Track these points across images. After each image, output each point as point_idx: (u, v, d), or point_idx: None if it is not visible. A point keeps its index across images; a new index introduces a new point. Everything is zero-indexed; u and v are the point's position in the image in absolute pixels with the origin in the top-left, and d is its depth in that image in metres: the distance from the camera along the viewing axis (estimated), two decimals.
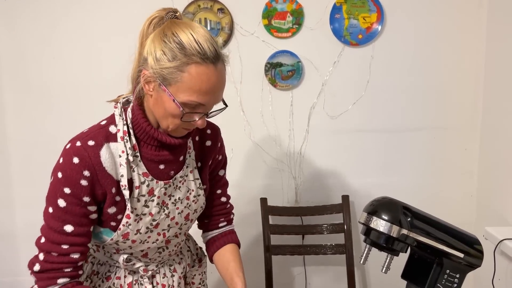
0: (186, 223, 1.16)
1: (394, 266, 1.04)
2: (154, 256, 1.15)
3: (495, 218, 1.75)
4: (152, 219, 1.07)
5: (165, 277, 1.19)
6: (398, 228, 0.96)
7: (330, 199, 1.99)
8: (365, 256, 1.03)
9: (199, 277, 1.31)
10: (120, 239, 1.05)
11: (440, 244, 1.00)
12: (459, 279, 1.05)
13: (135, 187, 1.03)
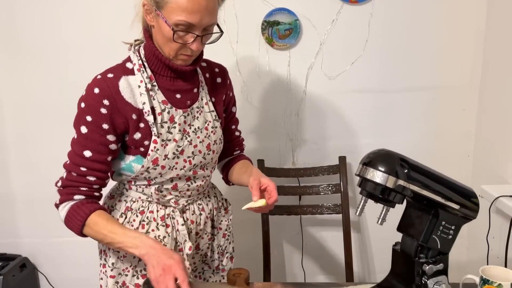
0: (209, 154, 1.24)
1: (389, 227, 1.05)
2: (183, 189, 1.23)
3: (491, 177, 1.76)
4: (177, 145, 1.16)
5: (194, 214, 1.28)
6: (395, 179, 0.96)
7: (327, 161, 1.98)
8: (361, 207, 1.04)
9: (226, 223, 1.39)
10: (151, 165, 1.14)
11: (437, 195, 1.01)
12: (454, 230, 1.06)
13: (157, 114, 1.13)
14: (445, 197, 1.02)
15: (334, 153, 1.97)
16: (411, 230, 1.08)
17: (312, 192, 1.95)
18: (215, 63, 1.34)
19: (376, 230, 2.09)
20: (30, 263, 2.08)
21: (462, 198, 1.05)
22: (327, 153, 1.99)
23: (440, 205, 1.02)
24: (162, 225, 1.23)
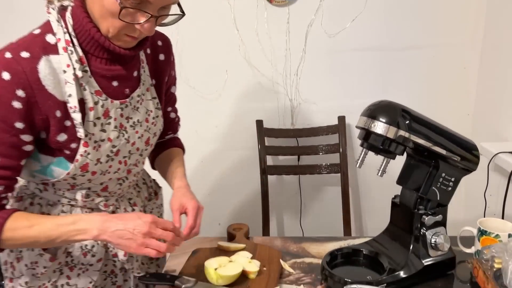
0: (147, 149, 1.06)
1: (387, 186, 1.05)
2: (114, 189, 1.03)
3: (491, 136, 1.75)
4: (112, 145, 0.94)
5: (126, 212, 1.08)
6: (396, 129, 0.95)
7: (326, 121, 1.97)
8: (361, 159, 1.03)
9: (157, 210, 1.21)
10: (79, 172, 0.92)
11: (438, 147, 1.00)
12: (453, 182, 1.06)
13: (88, 109, 0.89)
14: (446, 148, 1.01)
15: (333, 113, 1.95)
16: (411, 182, 1.08)
17: (311, 152, 1.95)
18: (158, 32, 1.04)
19: (374, 190, 2.10)
20: None
21: (463, 150, 1.05)
22: (326, 113, 1.98)
23: (440, 157, 1.02)
24: None
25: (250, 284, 1.03)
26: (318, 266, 1.12)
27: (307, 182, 2.11)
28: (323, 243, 1.26)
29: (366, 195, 2.12)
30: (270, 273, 1.07)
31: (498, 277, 0.97)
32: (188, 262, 1.14)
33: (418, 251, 1.05)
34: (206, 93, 1.96)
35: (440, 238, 1.04)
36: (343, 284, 0.98)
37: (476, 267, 1.03)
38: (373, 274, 1.06)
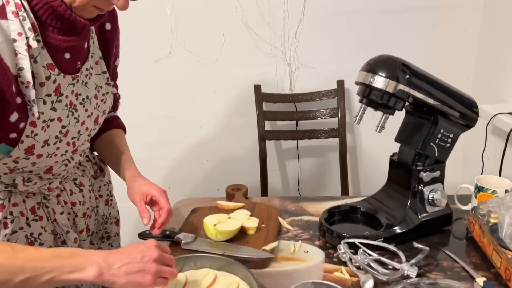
0: (95, 128, 0.97)
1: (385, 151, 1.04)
2: (59, 171, 0.92)
3: (490, 99, 1.74)
4: (61, 125, 0.85)
5: (73, 194, 0.98)
6: (395, 83, 0.94)
7: (324, 85, 1.95)
8: (359, 116, 1.03)
9: (105, 188, 1.11)
10: (22, 155, 0.81)
11: (437, 102, 0.99)
12: (452, 139, 1.06)
13: (39, 84, 0.79)
14: (445, 104, 1.01)
15: (332, 77, 1.93)
16: (409, 139, 1.08)
17: (309, 117, 1.94)
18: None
19: (372, 155, 2.11)
20: None
21: (462, 106, 1.04)
22: (325, 77, 1.95)
23: (439, 113, 1.02)
24: (35, 219, 0.90)
25: (249, 240, 1.04)
26: (316, 223, 1.13)
27: (305, 147, 2.11)
28: (321, 202, 1.26)
29: (364, 160, 2.13)
30: (269, 229, 1.08)
31: (493, 231, 0.99)
32: (187, 220, 1.15)
33: (416, 207, 1.05)
34: (203, 57, 1.93)
35: (437, 194, 1.05)
36: (341, 239, 1.00)
37: (472, 222, 1.05)
38: (371, 231, 1.07)
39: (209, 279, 0.86)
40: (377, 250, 0.98)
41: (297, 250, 1.03)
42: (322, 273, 0.95)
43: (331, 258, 1.00)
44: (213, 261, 0.91)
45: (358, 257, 0.94)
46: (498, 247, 0.91)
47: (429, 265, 0.96)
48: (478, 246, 1.01)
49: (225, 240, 1.03)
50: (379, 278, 0.90)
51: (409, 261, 0.92)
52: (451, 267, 0.96)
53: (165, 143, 2.07)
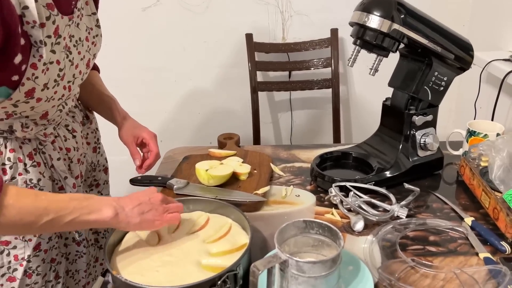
0: (87, 72, 0.96)
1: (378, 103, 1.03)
2: (54, 117, 0.92)
3: (485, 46, 1.71)
4: (59, 68, 0.83)
5: (66, 140, 0.97)
6: (390, 23, 0.91)
7: (318, 34, 1.91)
8: (353, 58, 1.00)
9: (93, 136, 1.11)
10: (22, 98, 0.80)
11: (432, 43, 0.97)
12: (446, 82, 1.05)
13: (39, 25, 0.76)
14: (440, 46, 0.98)
15: (326, 25, 1.88)
16: (403, 83, 1.06)
17: (303, 68, 1.91)
18: None
19: (365, 105, 2.10)
20: None
21: (458, 48, 1.02)
22: (318, 26, 1.91)
23: (434, 54, 0.99)
24: (33, 165, 0.90)
25: (241, 185, 1.04)
26: (307, 170, 1.13)
27: (298, 99, 2.09)
28: (312, 149, 1.26)
29: (357, 111, 2.12)
30: (261, 175, 1.08)
31: (483, 174, 1.00)
32: (179, 167, 1.15)
33: (407, 151, 1.06)
34: (193, 4, 1.87)
35: (429, 138, 1.05)
36: (332, 183, 1.00)
37: (463, 166, 1.05)
38: (362, 175, 1.07)
39: (201, 221, 0.87)
40: (368, 193, 0.98)
41: (288, 194, 1.04)
42: (314, 215, 0.96)
43: (322, 202, 1.01)
44: (205, 204, 0.91)
45: (349, 199, 0.95)
46: (488, 188, 0.92)
47: (419, 207, 0.97)
48: (467, 189, 1.02)
49: (217, 185, 1.03)
50: (370, 219, 0.91)
51: (399, 203, 0.93)
52: (440, 208, 0.97)
53: (155, 96, 2.04)
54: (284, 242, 0.73)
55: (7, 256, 0.89)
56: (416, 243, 0.86)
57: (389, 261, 0.80)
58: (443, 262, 0.81)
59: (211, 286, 0.69)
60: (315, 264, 0.66)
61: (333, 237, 0.73)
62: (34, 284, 0.92)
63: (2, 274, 0.89)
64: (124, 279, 0.69)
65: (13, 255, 0.89)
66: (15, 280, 0.90)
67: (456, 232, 0.89)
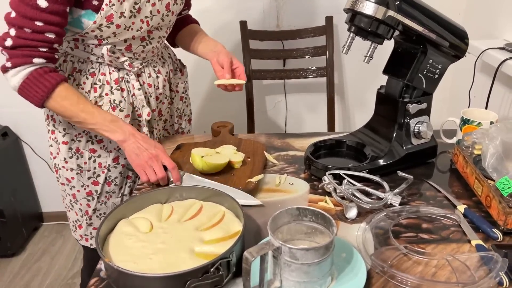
0: (168, 15, 1.10)
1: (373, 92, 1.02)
2: (138, 51, 1.09)
3: (481, 34, 1.71)
4: (134, 1, 0.99)
5: (150, 77, 1.16)
6: (385, 9, 0.90)
7: (313, 22, 1.89)
8: (348, 45, 1.00)
9: (182, 86, 1.31)
10: (104, 22, 0.98)
11: (427, 30, 0.96)
12: (440, 70, 1.04)
13: None
14: (435, 33, 0.98)
15: (321, 13, 1.87)
16: (397, 70, 1.05)
17: (297, 56, 1.90)
18: None
19: (360, 94, 2.09)
20: (12, 132, 2.06)
21: (453, 36, 1.01)
22: (313, 13, 1.89)
23: (429, 42, 0.99)
24: (117, 88, 1.10)
25: (235, 173, 1.04)
26: (301, 158, 1.13)
27: (292, 87, 2.08)
28: (306, 138, 1.26)
29: (352, 99, 2.12)
30: (255, 163, 1.08)
31: (477, 162, 1.00)
32: (172, 155, 1.14)
33: (401, 139, 1.05)
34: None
35: (423, 126, 1.05)
36: (326, 171, 1.00)
37: (456, 154, 1.05)
38: (356, 164, 1.07)
39: (194, 209, 0.86)
40: (362, 181, 0.98)
41: (282, 182, 1.03)
42: (307, 203, 0.96)
43: (316, 190, 1.01)
44: (199, 192, 0.91)
45: (343, 187, 0.95)
46: (481, 176, 0.92)
47: (412, 195, 0.98)
48: (460, 178, 1.03)
49: (211, 173, 1.03)
50: (363, 206, 0.91)
51: (392, 191, 0.94)
52: (433, 196, 0.97)
53: None
54: (278, 230, 0.73)
55: (93, 162, 1.14)
56: (409, 231, 0.86)
57: (382, 248, 0.81)
58: (436, 249, 0.81)
59: (204, 273, 0.69)
60: (308, 251, 0.66)
61: (326, 224, 0.73)
62: (112, 193, 1.19)
63: (88, 177, 1.15)
64: (117, 267, 0.69)
65: (98, 162, 1.15)
66: (98, 184, 1.16)
67: (449, 219, 0.89)
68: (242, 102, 1.94)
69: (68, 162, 1.14)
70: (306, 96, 2.11)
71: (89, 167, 1.15)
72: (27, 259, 2.11)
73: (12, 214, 2.05)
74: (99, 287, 0.75)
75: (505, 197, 0.84)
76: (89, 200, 1.18)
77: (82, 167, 1.15)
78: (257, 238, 0.83)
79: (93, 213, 1.20)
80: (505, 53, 1.42)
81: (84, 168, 1.15)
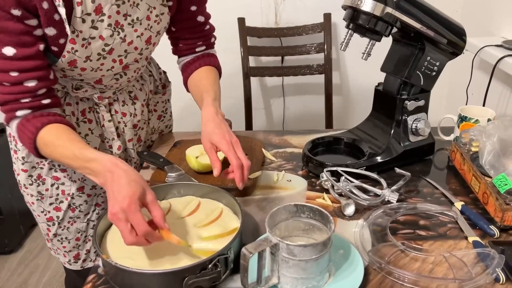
0: (148, 47, 0.98)
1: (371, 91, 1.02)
2: (110, 83, 1.00)
3: (478, 32, 1.71)
4: (104, 43, 0.88)
5: (124, 105, 1.06)
6: (383, 6, 0.90)
7: (311, 19, 1.89)
8: (346, 42, 1.00)
9: (162, 105, 1.21)
10: (67, 67, 0.89)
11: (425, 27, 0.96)
12: (438, 67, 1.04)
13: (76, 3, 0.81)
14: (433, 30, 0.98)
15: (319, 10, 1.87)
16: (395, 67, 1.05)
17: (295, 53, 1.90)
18: None
19: (358, 91, 2.10)
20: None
21: (451, 33, 1.01)
22: (312, 10, 1.89)
23: (427, 39, 0.99)
24: (83, 120, 1.01)
25: None
26: (299, 155, 1.13)
27: (291, 85, 2.08)
28: (304, 135, 1.26)
29: (350, 96, 2.12)
30: (252, 160, 1.08)
31: (474, 159, 1.00)
32: (170, 152, 1.14)
33: (399, 136, 1.06)
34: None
35: (421, 123, 1.05)
36: (323, 167, 1.00)
37: (454, 151, 1.06)
38: (354, 160, 1.07)
39: (192, 205, 0.86)
40: (360, 178, 0.98)
41: (280, 179, 1.03)
42: (305, 200, 0.96)
43: (314, 187, 1.01)
44: (196, 189, 0.91)
45: (340, 184, 0.95)
46: (478, 173, 0.93)
47: (410, 192, 0.98)
48: (458, 174, 1.03)
49: (207, 172, 1.03)
50: (361, 203, 0.91)
51: (390, 188, 0.94)
52: (431, 193, 0.98)
53: None
54: (275, 226, 0.73)
55: (56, 189, 1.05)
56: (407, 227, 0.86)
57: (379, 244, 0.81)
58: (433, 245, 0.81)
59: (202, 270, 0.69)
60: (305, 247, 0.66)
61: (324, 221, 0.73)
62: (77, 218, 1.09)
63: (50, 203, 1.06)
64: (115, 263, 0.69)
65: (61, 189, 1.05)
66: (60, 210, 1.07)
67: (446, 216, 0.89)
68: (240, 99, 1.95)
69: (28, 188, 1.05)
70: (304, 93, 2.11)
71: (51, 194, 1.05)
72: (24, 256, 2.11)
73: (10, 211, 2.04)
74: (97, 283, 0.75)
75: (502, 194, 0.85)
76: (49, 226, 1.09)
77: (43, 194, 1.05)
78: (255, 235, 0.83)
79: (54, 237, 1.10)
80: (502, 50, 1.42)
81: (45, 195, 1.05)
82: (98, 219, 0.80)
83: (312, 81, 2.04)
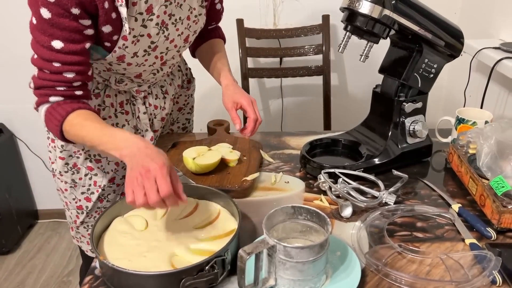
0: (185, 45, 1.07)
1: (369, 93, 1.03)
2: (148, 78, 1.08)
3: (476, 34, 1.72)
4: (151, 41, 0.96)
5: (157, 99, 1.16)
6: (381, 8, 0.90)
7: (310, 20, 1.89)
8: (343, 44, 1.00)
9: (185, 99, 1.32)
10: (115, 61, 0.96)
11: (423, 30, 0.97)
12: (436, 69, 1.05)
13: (131, 3, 0.88)
14: (431, 32, 0.98)
15: (317, 11, 1.87)
16: (393, 69, 1.06)
17: (294, 54, 1.90)
18: None
19: (356, 93, 2.10)
20: (7, 129, 2.05)
21: (448, 35, 1.02)
22: (310, 11, 1.89)
23: (425, 41, 0.99)
24: (121, 112, 1.10)
25: (230, 171, 1.04)
26: (297, 156, 1.13)
27: (289, 87, 2.08)
28: (302, 136, 1.26)
29: (348, 98, 2.12)
30: (250, 161, 1.08)
31: (471, 161, 1.00)
32: (167, 154, 1.14)
33: (396, 138, 1.06)
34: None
35: (418, 125, 1.05)
36: (321, 169, 1.00)
37: (451, 153, 1.06)
38: (351, 162, 1.07)
39: (190, 207, 0.86)
40: (357, 180, 0.99)
41: (278, 181, 1.03)
42: (302, 201, 0.96)
43: (311, 188, 1.01)
44: (194, 190, 0.91)
45: (338, 185, 0.95)
46: (475, 175, 0.93)
47: (407, 194, 0.98)
48: (455, 177, 1.03)
49: (205, 173, 1.03)
50: (358, 205, 0.91)
51: (387, 189, 0.94)
52: (428, 195, 0.98)
53: None
54: (273, 228, 0.73)
55: (89, 179, 1.12)
56: (404, 229, 0.86)
57: (376, 246, 0.81)
58: (430, 247, 0.81)
59: (199, 271, 0.69)
60: (302, 249, 0.66)
61: (321, 222, 0.73)
62: (104, 208, 1.14)
63: (82, 192, 1.13)
64: (111, 265, 0.69)
65: (94, 180, 1.12)
66: (90, 201, 1.13)
67: (443, 218, 0.89)
68: None
69: (63, 175, 1.12)
70: (303, 95, 2.11)
71: (84, 183, 1.12)
72: (22, 256, 2.10)
73: (7, 212, 2.04)
74: (93, 285, 0.75)
75: (499, 196, 0.85)
76: (79, 213, 1.16)
77: (77, 182, 1.12)
78: (252, 237, 0.83)
79: (80, 225, 1.17)
80: (500, 52, 1.42)
81: (78, 184, 1.12)
82: (96, 220, 0.80)
83: (310, 83, 2.04)
